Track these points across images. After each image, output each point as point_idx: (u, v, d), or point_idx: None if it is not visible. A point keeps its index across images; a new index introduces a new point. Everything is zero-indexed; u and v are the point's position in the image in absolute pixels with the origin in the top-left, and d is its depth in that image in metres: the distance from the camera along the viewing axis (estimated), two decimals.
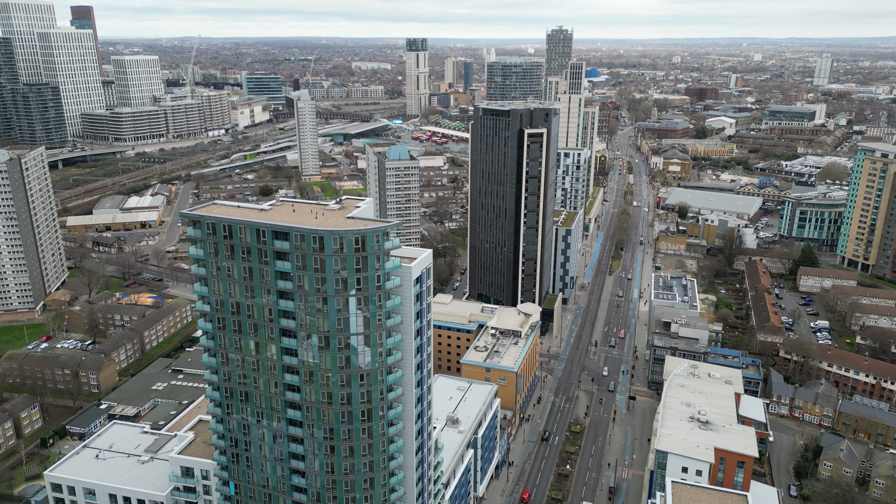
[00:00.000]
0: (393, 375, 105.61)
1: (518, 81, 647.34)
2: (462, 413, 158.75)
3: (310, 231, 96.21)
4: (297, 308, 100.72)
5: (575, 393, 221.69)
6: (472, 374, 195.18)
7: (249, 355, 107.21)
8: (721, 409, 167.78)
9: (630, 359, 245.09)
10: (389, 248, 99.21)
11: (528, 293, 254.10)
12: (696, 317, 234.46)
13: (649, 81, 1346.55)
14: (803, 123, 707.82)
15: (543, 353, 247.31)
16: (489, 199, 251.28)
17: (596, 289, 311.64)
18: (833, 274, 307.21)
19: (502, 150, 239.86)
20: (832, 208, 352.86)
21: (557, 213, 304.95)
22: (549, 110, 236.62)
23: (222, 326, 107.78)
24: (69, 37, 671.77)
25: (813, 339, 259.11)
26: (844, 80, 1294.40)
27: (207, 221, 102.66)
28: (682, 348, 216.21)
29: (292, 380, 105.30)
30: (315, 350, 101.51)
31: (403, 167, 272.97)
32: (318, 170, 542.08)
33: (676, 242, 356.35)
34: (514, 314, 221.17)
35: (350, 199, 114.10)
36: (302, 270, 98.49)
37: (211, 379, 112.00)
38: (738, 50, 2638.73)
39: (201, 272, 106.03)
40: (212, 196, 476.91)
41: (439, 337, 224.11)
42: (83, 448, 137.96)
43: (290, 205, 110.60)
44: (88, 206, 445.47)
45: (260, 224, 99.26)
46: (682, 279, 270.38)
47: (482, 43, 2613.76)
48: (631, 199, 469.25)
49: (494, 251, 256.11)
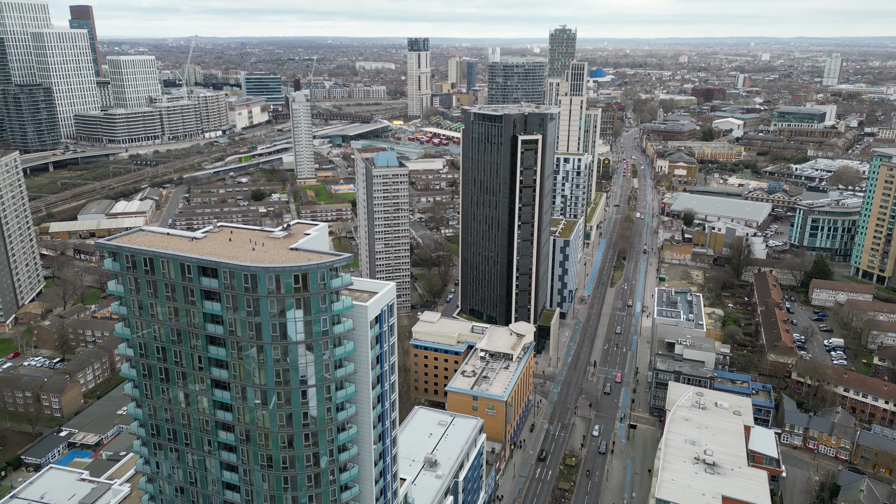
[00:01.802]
0: (346, 433, 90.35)
1: (520, 82, 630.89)
2: (442, 453, 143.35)
3: (240, 267, 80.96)
4: (230, 357, 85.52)
5: (571, 420, 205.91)
6: (458, 402, 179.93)
7: (179, 408, 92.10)
8: (729, 448, 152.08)
9: (631, 381, 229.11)
10: (338, 286, 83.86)
11: (523, 309, 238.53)
12: (702, 337, 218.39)
13: (655, 81, 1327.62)
14: (813, 125, 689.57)
15: (538, 373, 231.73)
16: (481, 209, 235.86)
17: (597, 302, 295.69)
18: (848, 287, 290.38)
19: (495, 158, 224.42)
20: (846, 216, 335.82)
21: (556, 222, 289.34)
22: (545, 115, 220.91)
23: (148, 374, 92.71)
24: (63, 36, 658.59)
25: (827, 358, 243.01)
26: (854, 80, 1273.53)
27: (126, 253, 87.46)
28: (687, 372, 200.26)
29: (227, 438, 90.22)
30: (251, 406, 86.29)
31: (391, 174, 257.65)
32: (313, 173, 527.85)
33: (681, 252, 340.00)
34: (506, 335, 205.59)
35: (302, 225, 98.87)
36: (233, 313, 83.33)
37: (138, 433, 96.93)
38: (746, 49, 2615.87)
39: (122, 311, 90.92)
40: (203, 200, 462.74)
41: (426, 359, 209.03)
42: (11, 499, 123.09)
43: (228, 231, 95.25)
44: (75, 211, 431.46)
45: (184, 258, 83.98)
46: (687, 294, 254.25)
47: (488, 42, 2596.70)
48: (635, 204, 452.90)
49: (487, 265, 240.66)
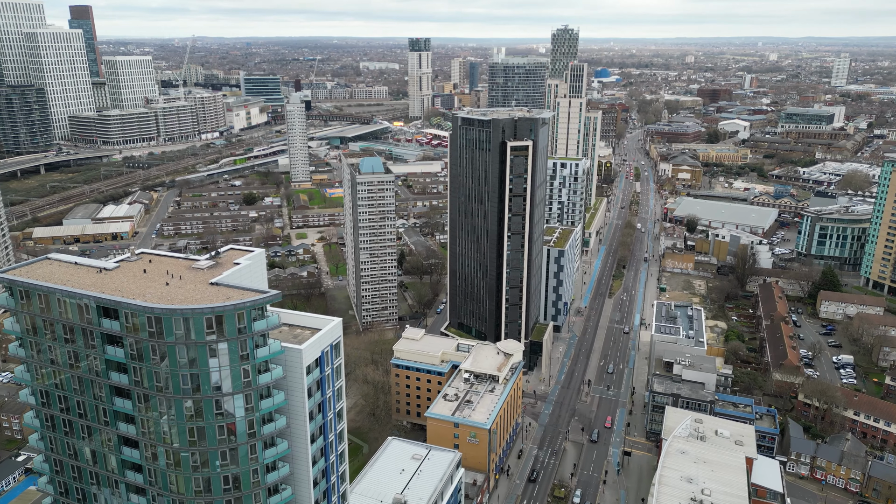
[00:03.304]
0: (278, 496, 77.91)
1: (521, 83, 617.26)
2: (413, 493, 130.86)
3: (143, 308, 68.72)
4: (137, 411, 73.27)
5: (562, 445, 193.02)
6: (438, 429, 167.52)
7: (87, 465, 79.84)
8: (730, 486, 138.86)
9: (627, 402, 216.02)
10: (263, 328, 71.46)
11: (514, 324, 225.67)
12: (703, 356, 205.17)
13: (661, 82, 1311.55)
14: (821, 127, 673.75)
15: (529, 393, 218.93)
16: (469, 218, 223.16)
17: (594, 314, 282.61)
18: (857, 299, 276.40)
19: (483, 165, 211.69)
20: (856, 224, 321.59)
21: (551, 231, 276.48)
22: (536, 120, 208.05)
23: (51, 426, 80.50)
24: (58, 37, 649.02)
25: (836, 376, 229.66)
26: (863, 80, 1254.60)
27: (20, 288, 75.25)
28: (686, 395, 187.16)
29: (139, 503, 77.79)
30: (163, 468, 73.97)
31: (377, 181, 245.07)
32: (308, 175, 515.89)
33: (684, 260, 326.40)
34: (493, 354, 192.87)
35: (235, 252, 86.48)
36: (138, 362, 71.03)
37: (46, 489, 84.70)
38: (754, 49, 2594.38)
39: (21, 354, 78.78)
40: (193, 204, 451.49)
41: (408, 379, 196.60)
42: None
43: (146, 261, 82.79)
44: (61, 215, 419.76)
45: (81, 295, 71.72)
46: (687, 308, 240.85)
47: (494, 42, 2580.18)
48: (637, 209, 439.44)
49: (476, 277, 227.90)
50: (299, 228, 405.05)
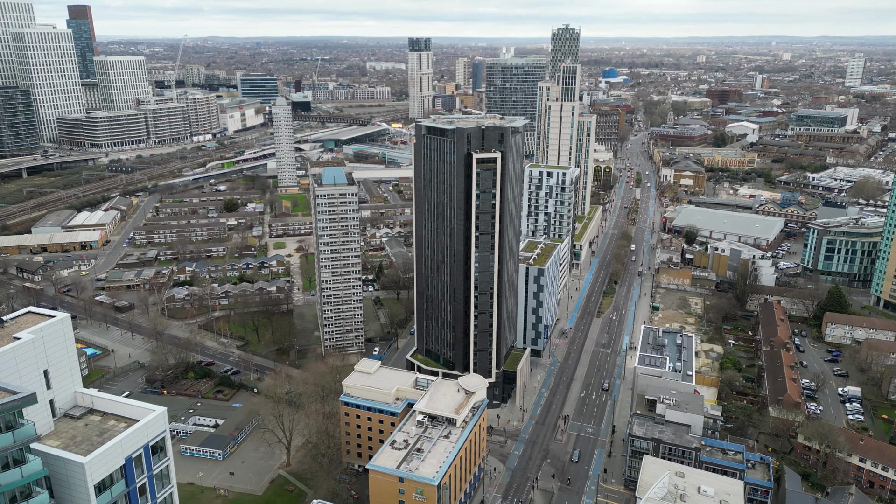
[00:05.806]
0: None
1: (519, 84, 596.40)
2: None
3: None
4: None
5: (529, 495, 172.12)
6: (382, 484, 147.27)
7: None
8: None
9: (607, 441, 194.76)
10: (8, 444, 51.38)
11: (484, 353, 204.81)
12: (690, 394, 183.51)
13: (670, 82, 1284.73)
14: (833, 130, 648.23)
15: (499, 430, 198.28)
16: (435, 235, 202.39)
17: (579, 335, 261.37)
18: (867, 322, 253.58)
19: (448, 179, 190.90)
20: (866, 238, 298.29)
21: (533, 246, 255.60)
22: (505, 129, 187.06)
23: None
24: (46, 37, 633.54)
25: (841, 411, 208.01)
26: (878, 81, 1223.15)
27: None
28: (669, 441, 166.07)
29: None
30: None
31: (338, 193, 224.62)
32: (295, 180, 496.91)
33: (680, 276, 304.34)
34: (453, 391, 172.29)
35: (34, 315, 66.47)
36: None
37: None
38: (767, 49, 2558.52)
39: None
40: (172, 211, 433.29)
41: (358, 419, 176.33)
42: None
43: None
44: (33, 222, 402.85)
45: None
46: (677, 335, 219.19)
47: (505, 42, 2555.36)
48: (636, 218, 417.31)
49: (443, 300, 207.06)
50: (278, 237, 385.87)
